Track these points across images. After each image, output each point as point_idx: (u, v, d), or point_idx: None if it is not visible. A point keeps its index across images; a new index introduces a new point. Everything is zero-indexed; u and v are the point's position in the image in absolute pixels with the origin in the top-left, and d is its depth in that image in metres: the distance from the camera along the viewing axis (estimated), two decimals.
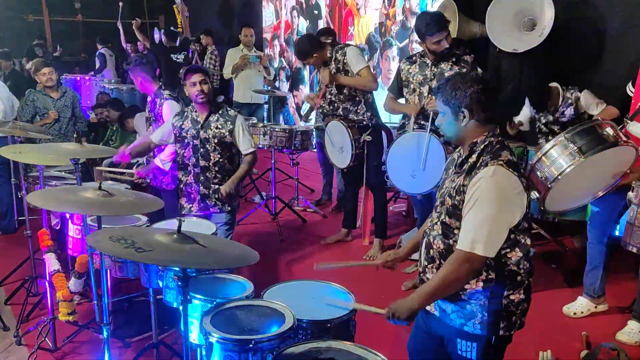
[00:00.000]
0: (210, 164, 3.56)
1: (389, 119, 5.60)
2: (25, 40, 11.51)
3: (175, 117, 3.68)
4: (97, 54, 10.71)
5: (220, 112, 3.55)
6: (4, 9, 11.93)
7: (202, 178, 3.59)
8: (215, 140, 3.51)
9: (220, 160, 3.56)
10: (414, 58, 3.83)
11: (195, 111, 3.58)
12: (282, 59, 8.87)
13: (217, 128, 3.52)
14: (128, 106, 6.53)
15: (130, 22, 9.15)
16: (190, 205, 3.68)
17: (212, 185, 3.58)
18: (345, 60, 4.14)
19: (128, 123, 5.90)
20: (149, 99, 4.27)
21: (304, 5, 7.87)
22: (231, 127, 3.52)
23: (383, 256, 2.44)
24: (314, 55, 4.14)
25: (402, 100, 4.00)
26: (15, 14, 12.07)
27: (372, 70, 4.30)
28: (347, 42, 4.36)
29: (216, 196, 3.57)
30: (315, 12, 7.75)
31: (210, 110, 3.54)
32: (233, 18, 10.74)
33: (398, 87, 3.93)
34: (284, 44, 8.77)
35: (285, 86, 8.83)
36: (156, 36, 10.82)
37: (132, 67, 4.18)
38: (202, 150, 3.55)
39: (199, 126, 3.54)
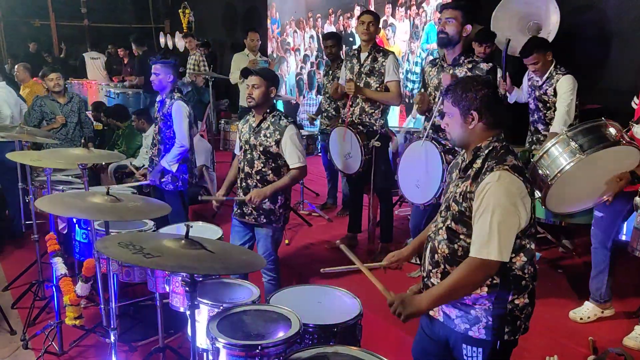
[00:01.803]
0: (253, 171, 3.40)
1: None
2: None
3: (240, 121, 3.62)
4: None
5: (272, 119, 3.37)
6: (11, 14, 12.02)
7: (243, 184, 3.47)
8: (261, 149, 3.35)
9: (263, 169, 3.37)
10: (436, 61, 3.69)
11: (254, 116, 3.47)
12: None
13: (265, 136, 3.35)
14: (132, 110, 6.56)
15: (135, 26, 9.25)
16: (236, 209, 3.58)
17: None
18: (384, 63, 4.15)
19: (137, 122, 5.92)
20: (158, 98, 4.30)
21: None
22: (279, 137, 3.32)
23: (387, 257, 2.41)
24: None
25: None
26: (22, 19, 12.15)
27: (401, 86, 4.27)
28: (392, 51, 4.33)
29: (253, 205, 3.39)
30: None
31: (263, 117, 3.39)
32: (237, 23, 10.79)
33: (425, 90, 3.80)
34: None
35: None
36: (162, 40, 10.91)
37: (165, 63, 4.16)
38: (248, 156, 3.42)
39: (252, 131, 3.42)
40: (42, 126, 5.14)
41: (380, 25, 4.48)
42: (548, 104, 4.11)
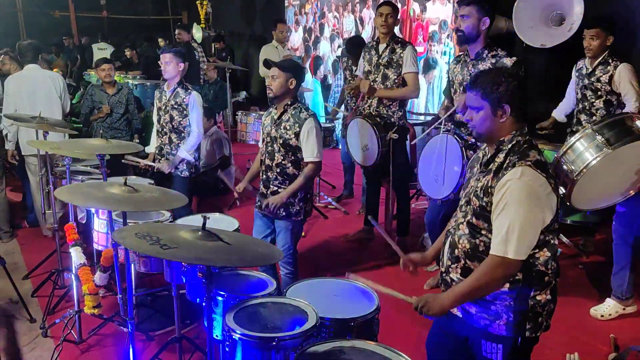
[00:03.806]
0: (273, 164, 3.37)
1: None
2: (51, 36, 11.69)
3: (264, 114, 3.60)
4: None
5: (293, 112, 3.32)
6: (31, 4, 12.14)
7: (264, 176, 3.46)
8: (281, 141, 3.32)
9: (283, 162, 3.35)
10: (460, 57, 3.61)
11: (276, 108, 3.42)
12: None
13: (285, 129, 3.31)
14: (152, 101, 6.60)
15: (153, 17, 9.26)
16: (257, 202, 3.55)
17: (271, 186, 3.40)
18: (402, 55, 4.11)
19: None
20: (166, 87, 4.34)
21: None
22: (298, 129, 3.28)
23: (412, 256, 2.34)
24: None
25: None
26: (42, 9, 12.27)
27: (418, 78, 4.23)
28: (410, 42, 4.28)
29: (270, 212, 3.38)
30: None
31: (284, 109, 3.35)
32: (255, 15, 10.76)
33: (449, 90, 3.72)
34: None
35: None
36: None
37: (176, 52, 4.24)
38: (269, 148, 3.39)
39: (273, 123, 3.38)
40: (93, 114, 5.34)
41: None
42: (599, 92, 3.92)
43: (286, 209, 3.38)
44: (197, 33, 9.50)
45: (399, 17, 4.32)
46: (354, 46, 5.37)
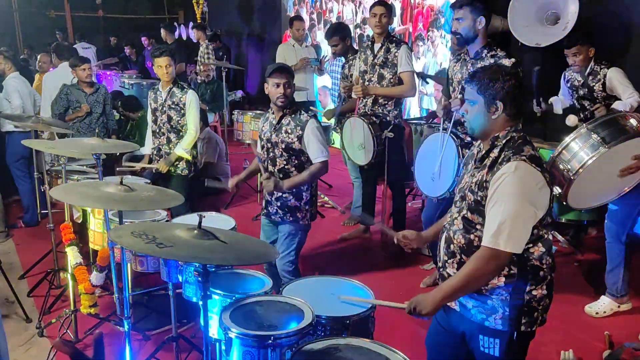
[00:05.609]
0: (276, 169, 3.31)
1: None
2: (47, 36, 11.66)
3: (261, 119, 3.53)
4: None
5: (293, 115, 3.27)
6: (26, 4, 12.11)
7: None
8: (283, 146, 3.26)
9: (286, 166, 3.29)
10: (461, 55, 3.56)
11: (273, 113, 3.35)
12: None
13: (286, 132, 3.25)
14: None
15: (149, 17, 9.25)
16: (263, 208, 3.50)
17: (275, 192, 3.30)
18: (396, 54, 4.12)
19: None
20: (162, 88, 4.35)
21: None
22: (300, 132, 3.22)
23: (405, 232, 2.35)
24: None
25: None
26: (38, 9, 12.23)
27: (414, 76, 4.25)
28: (405, 41, 4.29)
29: (278, 204, 3.33)
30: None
31: (284, 113, 3.28)
32: (253, 13, 10.74)
33: (448, 88, 3.67)
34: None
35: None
36: (175, 31, 10.93)
37: (173, 55, 4.31)
38: (270, 154, 3.33)
39: (273, 128, 3.32)
40: (67, 114, 5.23)
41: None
42: (597, 100, 3.97)
43: (292, 213, 3.32)
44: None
45: (393, 15, 4.33)
46: (333, 33, 5.03)
